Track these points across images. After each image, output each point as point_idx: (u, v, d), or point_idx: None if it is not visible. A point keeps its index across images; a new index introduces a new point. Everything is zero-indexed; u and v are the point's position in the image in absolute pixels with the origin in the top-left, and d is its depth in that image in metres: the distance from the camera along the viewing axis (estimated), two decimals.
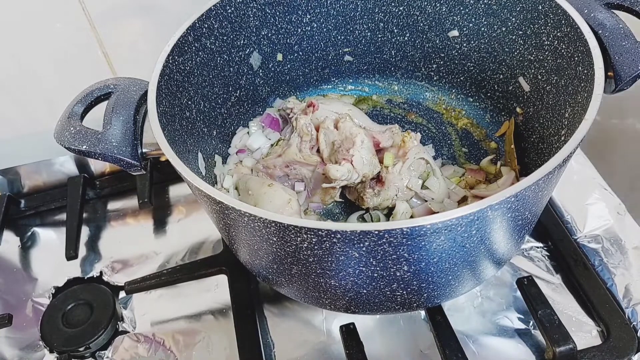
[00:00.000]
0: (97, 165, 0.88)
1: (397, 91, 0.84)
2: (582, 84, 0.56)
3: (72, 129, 0.53)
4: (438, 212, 0.43)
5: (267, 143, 0.77)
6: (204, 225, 0.77)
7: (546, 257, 0.71)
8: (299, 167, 0.71)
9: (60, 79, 0.84)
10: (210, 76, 0.69)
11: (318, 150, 0.71)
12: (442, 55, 0.78)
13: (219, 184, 0.72)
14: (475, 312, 0.66)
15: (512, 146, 0.71)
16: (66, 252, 0.77)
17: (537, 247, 0.71)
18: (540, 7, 0.62)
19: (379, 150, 0.71)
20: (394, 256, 0.47)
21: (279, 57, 0.77)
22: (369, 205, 0.68)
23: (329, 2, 0.75)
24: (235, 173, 0.73)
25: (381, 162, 0.70)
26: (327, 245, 0.45)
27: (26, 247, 0.82)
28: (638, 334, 0.62)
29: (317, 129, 0.71)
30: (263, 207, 0.65)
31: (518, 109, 0.72)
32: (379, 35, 0.79)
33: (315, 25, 0.77)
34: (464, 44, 0.75)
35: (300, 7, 0.74)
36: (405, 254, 0.47)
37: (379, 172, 0.69)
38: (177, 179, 0.68)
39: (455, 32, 0.75)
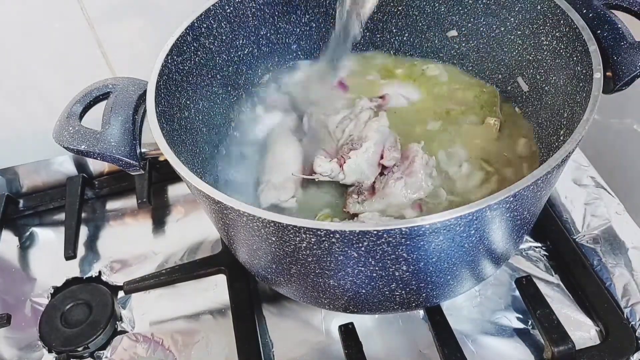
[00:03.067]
0: (95, 165, 0.88)
1: None
2: (581, 84, 0.56)
3: (70, 128, 0.53)
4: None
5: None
6: (203, 225, 0.77)
7: (545, 257, 0.71)
8: (328, 139, 0.69)
9: (59, 78, 0.84)
10: (209, 76, 0.69)
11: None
12: (441, 55, 0.78)
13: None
14: (474, 311, 0.66)
15: None
16: (65, 252, 0.77)
17: (536, 247, 0.72)
18: (539, 7, 0.62)
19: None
20: (393, 256, 0.47)
21: (278, 56, 0.77)
22: (350, 211, 0.64)
23: (327, 2, 0.75)
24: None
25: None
26: (326, 245, 0.45)
27: (25, 247, 0.82)
28: (636, 334, 0.62)
29: None
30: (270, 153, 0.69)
31: (517, 109, 0.72)
32: (378, 36, 0.79)
33: (314, 25, 0.77)
34: (463, 44, 0.75)
35: (299, 7, 0.74)
36: (404, 254, 0.47)
37: (374, 182, 0.65)
38: (176, 178, 0.68)
39: (454, 32, 0.75)
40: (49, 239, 0.83)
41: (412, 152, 0.65)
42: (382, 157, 0.66)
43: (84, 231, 0.82)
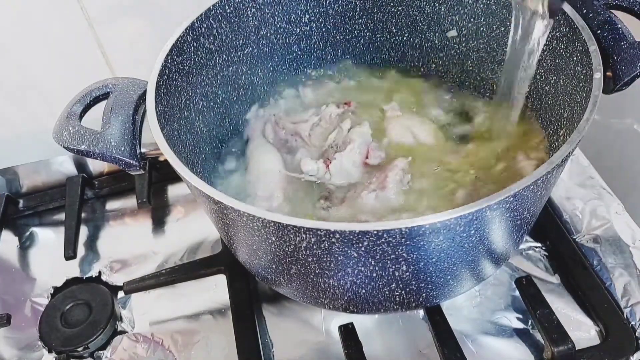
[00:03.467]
0: (95, 165, 0.88)
1: None
2: (581, 84, 0.56)
3: (70, 128, 0.53)
4: None
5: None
6: (203, 225, 0.77)
7: (545, 257, 0.71)
8: (301, 144, 0.70)
9: (59, 78, 0.84)
10: (209, 76, 0.69)
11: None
12: (441, 55, 0.78)
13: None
14: (473, 311, 0.66)
15: None
16: (65, 252, 0.77)
17: (536, 247, 0.72)
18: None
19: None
20: (393, 256, 0.47)
21: (278, 56, 0.77)
22: (314, 216, 0.64)
23: (328, 2, 0.75)
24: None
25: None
26: (326, 245, 0.45)
27: (25, 247, 0.82)
28: (636, 334, 0.62)
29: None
30: (251, 166, 0.69)
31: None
32: (378, 35, 0.79)
33: (314, 25, 0.76)
34: (463, 44, 0.75)
35: (299, 7, 0.74)
36: (404, 254, 0.47)
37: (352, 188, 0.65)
38: (176, 178, 0.68)
39: (454, 32, 0.75)
40: (49, 239, 0.83)
41: (390, 166, 0.65)
42: (367, 158, 0.66)
43: (84, 231, 0.82)
